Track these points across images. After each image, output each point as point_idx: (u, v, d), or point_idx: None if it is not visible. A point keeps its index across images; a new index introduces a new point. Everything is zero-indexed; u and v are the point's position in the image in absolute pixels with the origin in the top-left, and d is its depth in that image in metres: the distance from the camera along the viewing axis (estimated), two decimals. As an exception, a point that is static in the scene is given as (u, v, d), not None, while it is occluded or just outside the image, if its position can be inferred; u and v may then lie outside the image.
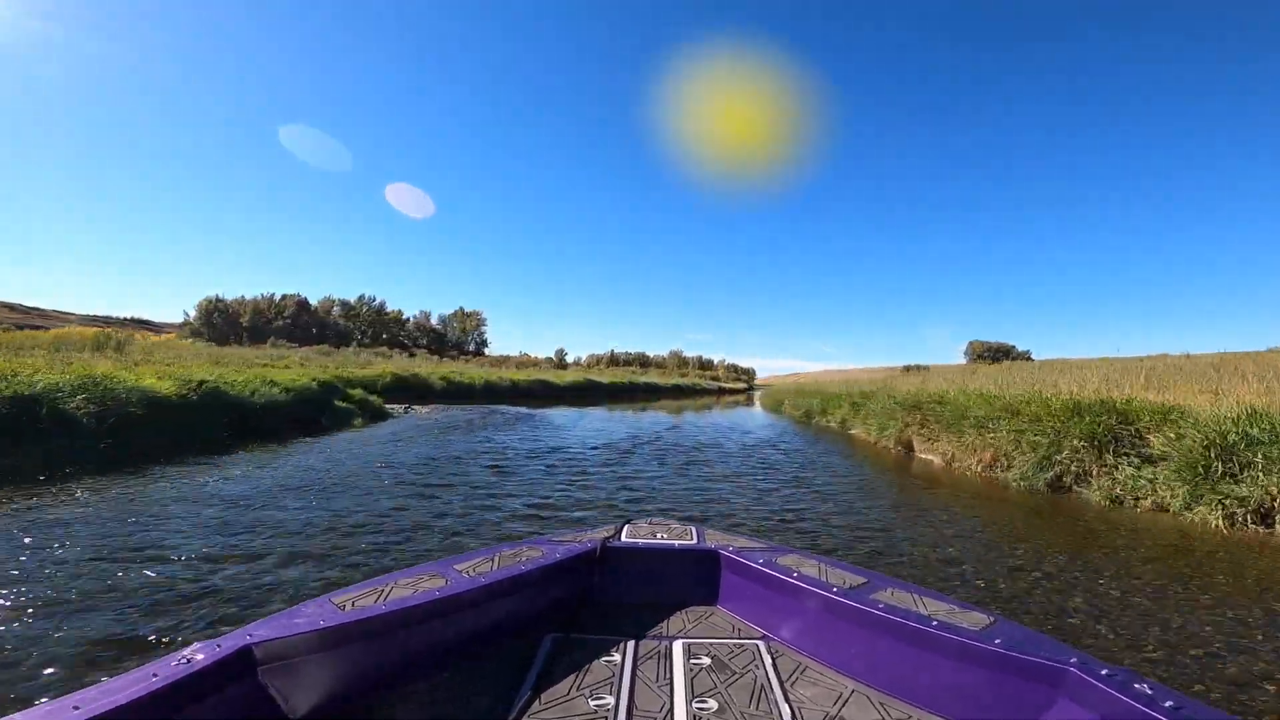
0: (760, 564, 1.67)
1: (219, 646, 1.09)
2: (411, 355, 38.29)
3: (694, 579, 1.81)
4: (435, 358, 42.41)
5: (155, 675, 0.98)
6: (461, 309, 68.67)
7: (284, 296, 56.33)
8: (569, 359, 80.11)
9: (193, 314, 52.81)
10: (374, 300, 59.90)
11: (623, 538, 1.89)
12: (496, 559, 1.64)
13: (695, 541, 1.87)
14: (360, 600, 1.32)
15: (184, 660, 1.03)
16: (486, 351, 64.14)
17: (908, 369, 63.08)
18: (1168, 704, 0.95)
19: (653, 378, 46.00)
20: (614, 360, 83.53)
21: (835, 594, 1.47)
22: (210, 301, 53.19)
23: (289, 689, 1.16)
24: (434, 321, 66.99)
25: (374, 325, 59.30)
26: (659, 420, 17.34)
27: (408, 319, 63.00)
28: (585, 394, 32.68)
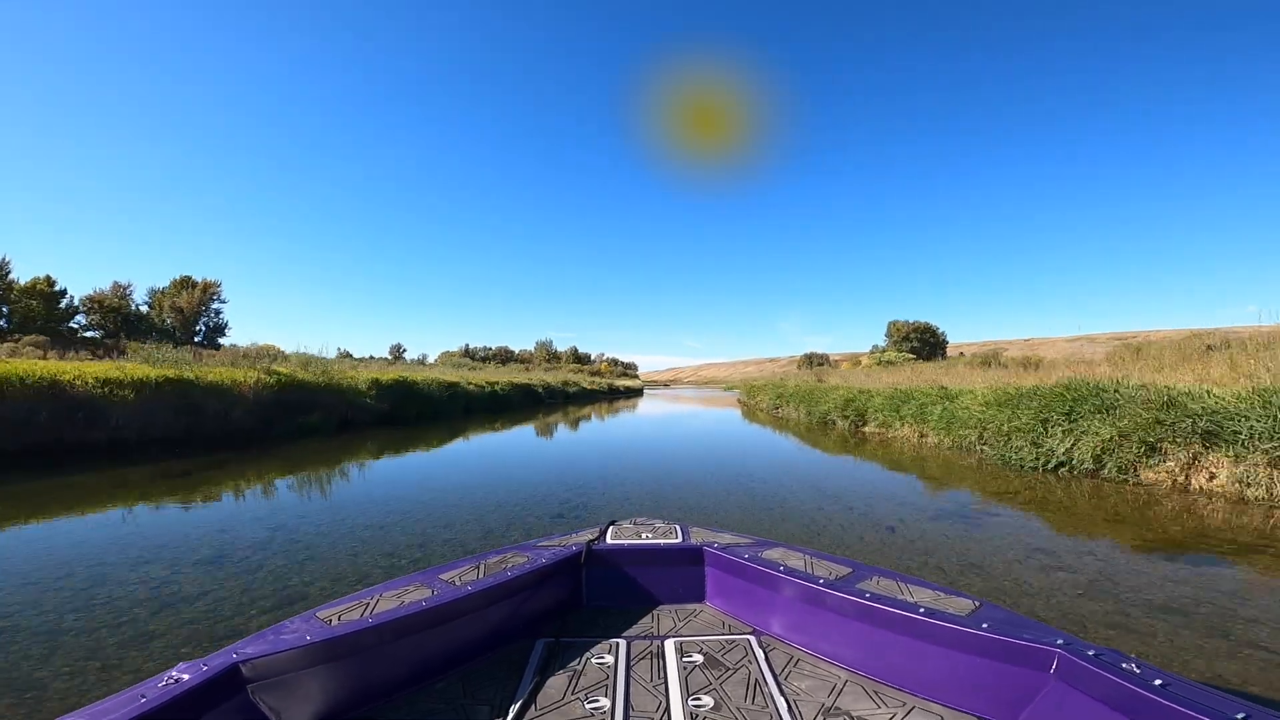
0: (746, 559, 1.69)
1: (205, 666, 1.07)
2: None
3: (681, 577, 1.82)
4: (91, 354, 22.36)
5: (144, 697, 0.96)
6: (188, 278, 44.08)
7: None
8: (408, 355, 59.66)
9: None
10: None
11: (608, 539, 1.90)
12: (482, 567, 1.64)
13: (680, 540, 1.88)
14: (346, 614, 1.31)
15: (172, 680, 1.02)
16: (223, 341, 40.91)
17: (810, 359, 55.45)
18: (1156, 682, 0.97)
19: (503, 375, 28.38)
20: (468, 354, 63.84)
21: (822, 585, 1.48)
22: None
23: (280, 704, 1.15)
24: (137, 298, 41.84)
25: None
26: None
27: (63, 291, 36.88)
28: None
